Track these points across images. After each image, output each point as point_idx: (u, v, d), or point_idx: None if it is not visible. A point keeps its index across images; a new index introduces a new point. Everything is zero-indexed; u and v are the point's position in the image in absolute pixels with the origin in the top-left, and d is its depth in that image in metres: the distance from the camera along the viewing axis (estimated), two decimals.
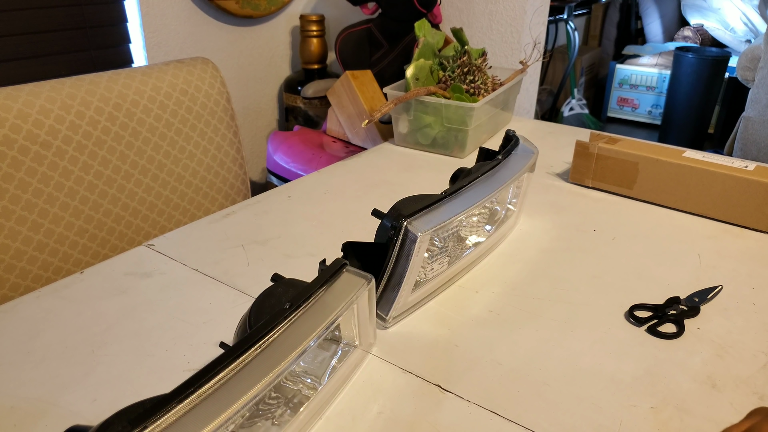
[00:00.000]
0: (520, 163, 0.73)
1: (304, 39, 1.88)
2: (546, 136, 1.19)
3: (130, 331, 0.60)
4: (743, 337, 0.60)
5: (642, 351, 0.58)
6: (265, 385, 0.39)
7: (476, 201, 0.64)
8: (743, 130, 2.19)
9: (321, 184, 0.96)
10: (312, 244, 0.77)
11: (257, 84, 1.95)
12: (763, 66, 2.12)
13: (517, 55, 1.64)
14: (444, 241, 0.66)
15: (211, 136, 1.05)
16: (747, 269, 0.72)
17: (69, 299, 0.65)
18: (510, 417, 0.50)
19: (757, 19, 3.54)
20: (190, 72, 1.02)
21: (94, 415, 0.50)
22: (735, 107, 3.09)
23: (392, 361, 0.56)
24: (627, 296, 0.66)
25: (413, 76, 1.09)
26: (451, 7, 1.71)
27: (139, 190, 0.96)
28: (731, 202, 0.82)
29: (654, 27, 3.81)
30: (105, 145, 0.91)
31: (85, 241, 0.90)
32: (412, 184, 0.97)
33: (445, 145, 1.09)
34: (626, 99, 3.53)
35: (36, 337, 0.59)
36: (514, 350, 0.58)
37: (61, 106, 0.85)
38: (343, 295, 0.49)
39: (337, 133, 1.47)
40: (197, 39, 1.71)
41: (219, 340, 0.58)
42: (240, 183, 1.12)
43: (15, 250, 0.82)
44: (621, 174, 0.90)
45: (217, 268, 0.71)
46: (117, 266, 0.71)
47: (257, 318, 0.48)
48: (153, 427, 0.33)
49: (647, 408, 0.51)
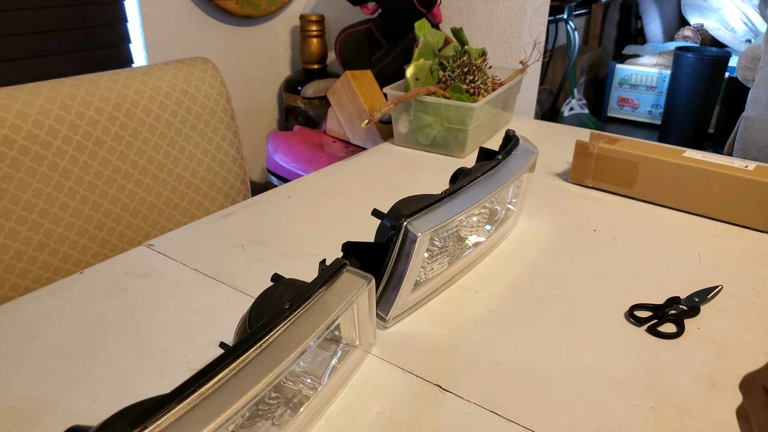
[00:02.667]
0: (520, 163, 0.73)
1: (304, 39, 1.88)
2: (546, 136, 1.19)
3: (130, 331, 0.60)
4: (743, 337, 0.60)
5: (642, 351, 0.58)
6: (265, 385, 0.39)
7: (476, 201, 0.64)
8: (743, 130, 2.19)
9: (321, 184, 0.96)
10: (312, 244, 0.77)
11: (257, 84, 1.95)
12: (763, 66, 2.12)
13: (517, 55, 1.64)
14: (444, 241, 0.66)
15: (211, 136, 1.05)
16: (747, 269, 0.72)
17: (69, 299, 0.65)
18: (510, 417, 0.50)
19: (757, 19, 3.53)
20: (190, 72, 1.02)
21: (94, 415, 0.50)
22: (735, 107, 3.09)
23: (392, 361, 0.56)
24: (627, 296, 0.66)
25: (413, 76, 1.09)
26: (451, 7, 1.71)
27: (139, 190, 0.96)
28: (731, 202, 0.82)
29: (654, 27, 3.81)
30: (105, 145, 0.91)
31: (85, 241, 0.90)
32: (412, 184, 0.97)
33: (445, 145, 1.09)
34: (626, 99, 3.53)
35: (36, 337, 0.59)
36: (514, 350, 0.58)
37: (61, 106, 0.85)
38: (343, 295, 0.49)
39: (337, 133, 1.47)
40: (197, 39, 1.71)
41: (219, 340, 0.58)
42: (240, 183, 1.12)
43: (15, 250, 0.82)
44: (621, 174, 0.90)
45: (217, 268, 0.71)
46: (117, 266, 0.71)
47: (257, 318, 0.48)
48: (153, 427, 0.33)
49: (647, 408, 0.51)
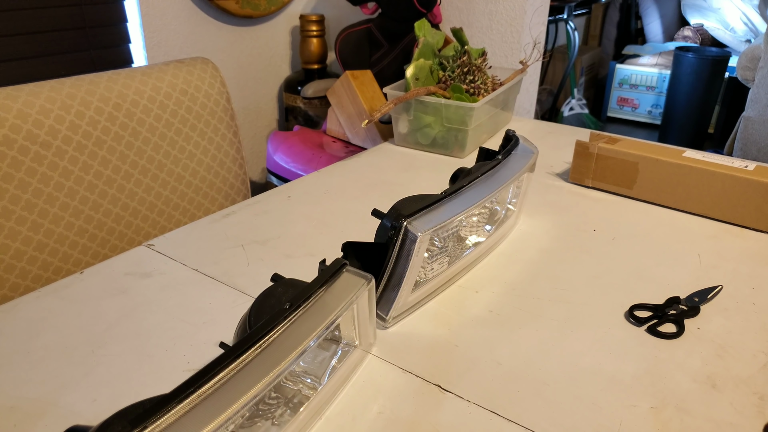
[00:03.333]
0: (520, 163, 0.73)
1: (304, 39, 1.88)
2: (546, 136, 1.19)
3: (130, 331, 0.60)
4: (743, 337, 0.60)
5: (642, 351, 0.58)
6: (265, 385, 0.39)
7: (476, 201, 0.64)
8: (743, 130, 2.19)
9: (321, 184, 0.96)
10: (312, 244, 0.77)
11: (257, 84, 1.95)
12: (763, 66, 2.12)
13: (517, 55, 1.64)
14: (444, 241, 0.66)
15: (211, 136, 1.05)
16: (747, 269, 0.72)
17: (69, 299, 0.65)
18: (510, 417, 0.50)
19: (757, 19, 3.53)
20: (190, 72, 1.02)
21: (94, 415, 0.50)
22: (735, 107, 3.09)
23: (392, 361, 0.56)
24: (627, 296, 0.66)
25: (413, 76, 1.09)
26: (451, 7, 1.71)
27: (139, 190, 0.96)
28: (731, 202, 0.82)
29: (654, 27, 3.81)
30: (105, 145, 0.91)
31: (85, 241, 0.90)
32: (412, 184, 0.97)
33: (445, 145, 1.09)
34: (626, 99, 3.53)
35: (36, 337, 0.59)
36: (514, 350, 0.58)
37: (61, 106, 0.85)
38: (343, 295, 0.49)
39: (337, 133, 1.47)
40: (197, 39, 1.71)
41: (219, 340, 0.58)
42: (240, 183, 1.12)
43: (15, 250, 0.82)
44: (621, 174, 0.90)
45: (217, 268, 0.71)
46: (117, 266, 0.71)
47: (257, 318, 0.48)
48: (153, 427, 0.33)
49: (647, 408, 0.51)
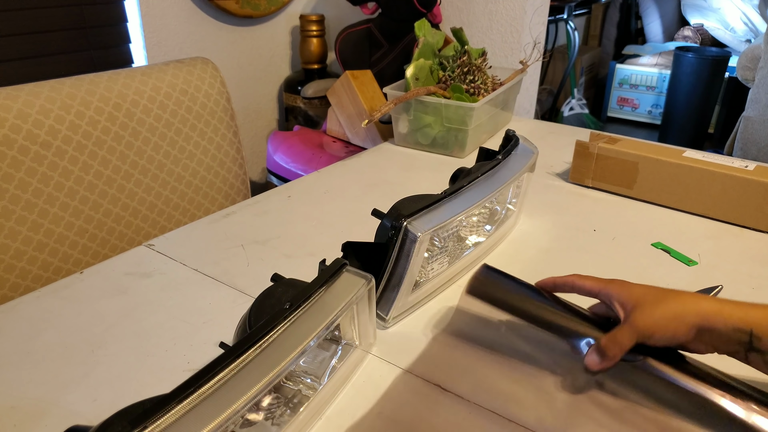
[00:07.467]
0: (520, 163, 0.73)
1: (304, 39, 1.88)
2: (546, 136, 1.19)
3: (130, 331, 0.60)
4: None
5: None
6: (265, 385, 0.39)
7: (476, 201, 0.64)
8: (743, 130, 2.19)
9: (321, 184, 0.96)
10: (312, 244, 0.77)
11: (257, 84, 1.95)
12: (763, 66, 2.12)
13: (517, 55, 1.64)
14: (444, 241, 0.66)
15: (211, 136, 1.05)
16: (747, 269, 0.72)
17: (69, 299, 0.65)
18: (510, 417, 0.50)
19: (757, 19, 3.53)
20: (189, 72, 1.02)
21: (94, 415, 0.50)
22: (735, 107, 3.09)
23: (392, 361, 0.56)
24: None
25: (413, 76, 1.09)
26: (451, 7, 1.71)
27: (139, 190, 0.96)
28: (731, 202, 0.82)
29: (654, 27, 3.81)
30: (105, 145, 0.91)
31: (85, 241, 0.90)
32: (412, 184, 0.97)
33: (445, 145, 1.09)
34: (626, 99, 3.53)
35: (36, 337, 0.59)
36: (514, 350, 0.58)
37: (60, 106, 0.85)
38: (343, 295, 0.49)
39: (337, 133, 1.47)
40: (197, 39, 1.71)
41: (219, 340, 0.58)
42: (240, 183, 1.12)
43: (15, 250, 0.82)
44: (621, 174, 0.90)
45: (217, 268, 0.71)
46: (117, 266, 0.71)
47: (257, 318, 0.48)
48: (153, 427, 0.33)
49: None
